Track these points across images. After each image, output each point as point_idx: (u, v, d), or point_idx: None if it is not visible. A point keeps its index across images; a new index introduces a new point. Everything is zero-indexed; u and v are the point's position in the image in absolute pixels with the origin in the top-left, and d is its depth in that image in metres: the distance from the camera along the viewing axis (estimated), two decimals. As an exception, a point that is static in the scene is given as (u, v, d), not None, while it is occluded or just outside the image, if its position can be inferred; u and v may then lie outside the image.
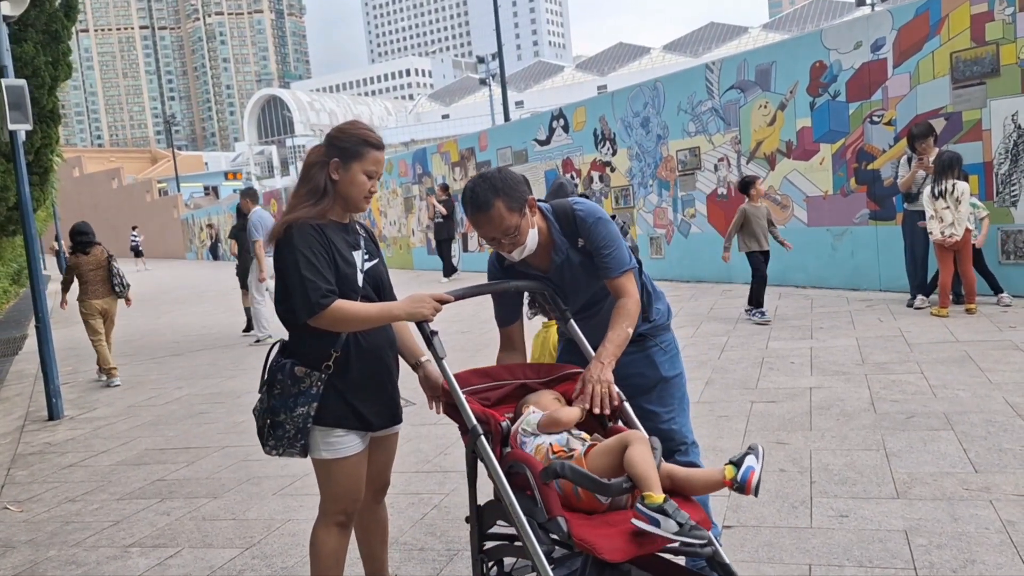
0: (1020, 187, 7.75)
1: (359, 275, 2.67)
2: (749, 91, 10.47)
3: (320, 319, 2.52)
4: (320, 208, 2.65)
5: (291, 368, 2.62)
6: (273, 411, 2.65)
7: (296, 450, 2.66)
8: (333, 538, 2.75)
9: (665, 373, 3.00)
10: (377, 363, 2.72)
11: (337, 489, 2.70)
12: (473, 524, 2.66)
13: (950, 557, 3.04)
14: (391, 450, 2.95)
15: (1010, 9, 7.62)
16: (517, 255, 2.76)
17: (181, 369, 9.08)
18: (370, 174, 2.68)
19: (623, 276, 2.80)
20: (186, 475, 5.13)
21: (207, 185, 65.75)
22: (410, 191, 19.83)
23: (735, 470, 2.26)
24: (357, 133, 2.69)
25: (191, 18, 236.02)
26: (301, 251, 2.54)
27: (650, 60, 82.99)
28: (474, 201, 2.68)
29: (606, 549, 2.15)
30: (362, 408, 2.67)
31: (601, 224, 2.81)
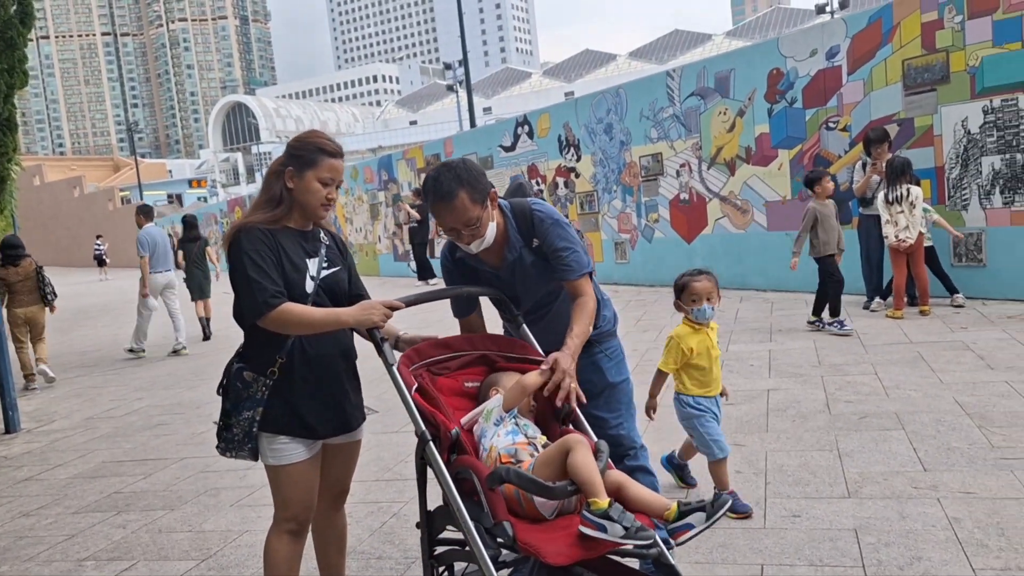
0: (970, 191, 7.93)
1: (308, 281, 2.67)
2: (709, 98, 10.60)
3: (267, 320, 2.54)
4: (274, 215, 2.67)
5: (240, 372, 2.66)
6: (226, 413, 2.69)
7: (245, 453, 2.69)
8: (285, 546, 2.74)
9: (612, 379, 3.05)
10: (324, 370, 2.70)
11: (285, 496, 2.70)
12: (423, 529, 2.68)
13: (897, 555, 3.11)
14: (350, 458, 2.93)
15: (959, 17, 7.81)
16: (475, 247, 2.76)
17: (141, 380, 8.96)
18: (325, 181, 2.67)
19: (582, 278, 2.83)
20: (143, 487, 5.06)
21: (171, 193, 64.94)
22: (376, 198, 19.77)
23: (676, 515, 2.29)
24: (312, 141, 2.70)
25: (154, 24, 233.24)
26: (248, 254, 2.57)
27: (616, 67, 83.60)
28: (437, 190, 2.68)
29: (550, 553, 2.18)
30: (307, 415, 2.67)
31: (559, 226, 2.84)
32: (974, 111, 7.80)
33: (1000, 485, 3.63)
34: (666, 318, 9.05)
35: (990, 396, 4.93)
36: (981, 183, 7.84)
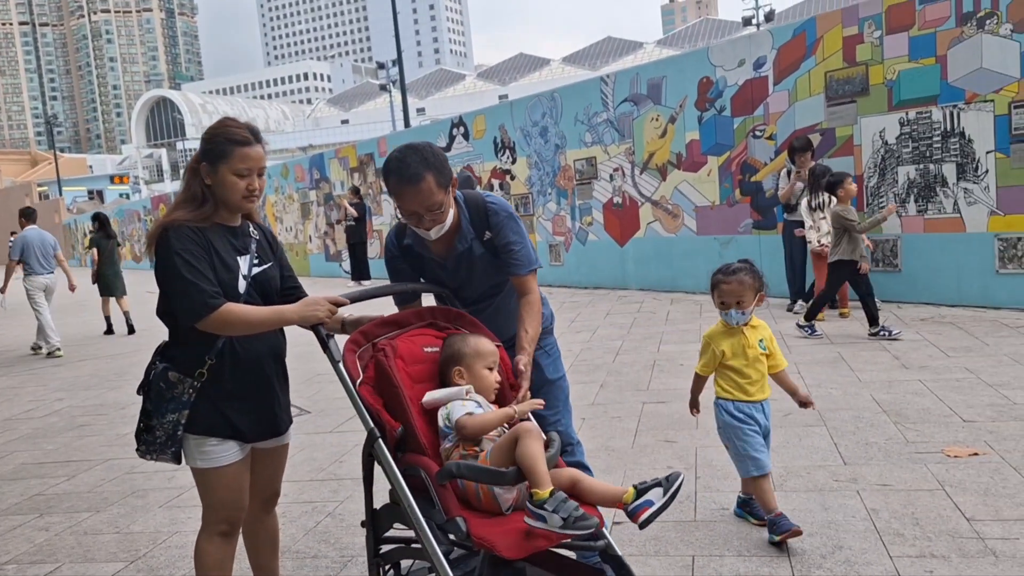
0: (887, 199, 8.28)
1: (240, 281, 2.58)
2: (642, 104, 10.81)
3: (207, 322, 2.44)
4: (201, 212, 2.56)
5: (164, 372, 2.55)
6: (147, 414, 2.58)
7: (168, 456, 2.58)
8: (216, 548, 2.67)
9: (549, 376, 3.07)
10: (255, 373, 2.63)
11: (216, 498, 2.63)
12: (369, 528, 2.64)
13: (819, 544, 3.24)
14: (279, 461, 2.87)
15: (878, 32, 8.15)
16: (435, 233, 2.71)
17: (61, 380, 8.66)
18: (240, 173, 2.54)
19: (530, 274, 2.84)
20: (66, 489, 4.91)
21: (91, 189, 62.76)
22: (307, 196, 19.50)
23: (634, 496, 2.27)
24: (221, 132, 2.57)
25: (75, 15, 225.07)
26: (179, 254, 2.45)
27: (550, 71, 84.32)
28: (403, 172, 2.59)
29: (504, 546, 2.18)
30: (235, 419, 2.59)
31: (513, 220, 2.84)
32: (891, 123, 8.15)
33: (914, 478, 3.81)
34: (599, 319, 9.20)
35: (905, 394, 5.17)
36: (897, 192, 8.20)
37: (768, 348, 3.35)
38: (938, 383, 5.35)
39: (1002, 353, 5.98)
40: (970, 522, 3.30)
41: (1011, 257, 7.43)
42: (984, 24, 7.38)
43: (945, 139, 7.78)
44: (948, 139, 7.76)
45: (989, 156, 7.47)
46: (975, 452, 4.05)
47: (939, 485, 3.70)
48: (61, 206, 45.68)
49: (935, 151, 7.87)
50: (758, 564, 3.13)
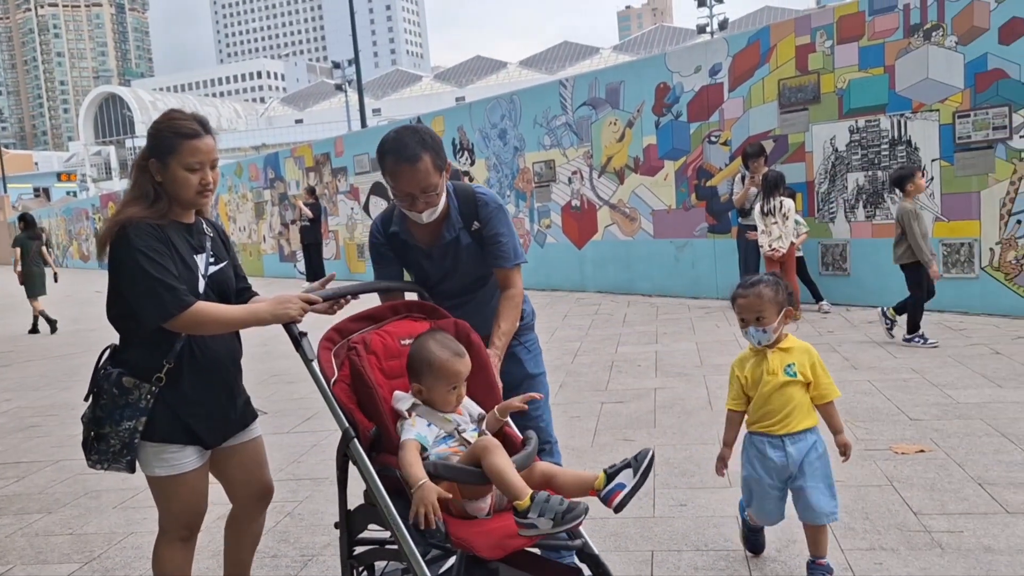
0: (837, 205, 8.50)
1: (200, 281, 2.48)
2: (600, 108, 10.92)
3: (177, 322, 2.35)
4: (157, 209, 2.44)
5: (118, 378, 2.43)
6: (98, 422, 2.45)
7: (122, 465, 2.46)
8: (177, 554, 2.59)
9: (530, 371, 3.04)
10: (213, 377, 2.55)
11: (177, 506, 2.54)
12: (343, 529, 2.59)
13: (775, 538, 3.32)
14: (255, 454, 2.75)
15: (829, 42, 8.37)
16: (427, 217, 2.68)
17: (8, 381, 8.45)
18: (191, 167, 2.43)
19: (516, 268, 2.83)
20: (16, 491, 4.80)
21: (37, 186, 61.14)
22: (261, 196, 19.27)
23: (605, 481, 2.24)
24: (167, 125, 2.45)
25: (21, 8, 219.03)
26: (142, 251, 2.34)
27: (507, 74, 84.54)
28: (402, 151, 2.55)
29: (483, 547, 2.16)
30: (195, 424, 2.50)
31: (502, 212, 2.84)
32: (841, 130, 8.37)
33: (864, 474, 3.93)
34: (557, 322, 9.27)
35: (855, 394, 5.31)
36: (847, 198, 8.42)
37: (803, 374, 2.86)
38: (886, 383, 5.51)
39: (946, 354, 6.18)
40: (917, 516, 3.41)
41: (955, 262, 7.68)
42: (930, 36, 7.62)
43: (893, 147, 8.01)
44: (896, 147, 7.99)
45: (934, 164, 7.72)
46: (921, 449, 4.18)
47: (888, 481, 3.82)
48: (5, 204, 44.40)
49: (883, 158, 8.10)
50: (715, 558, 3.21)
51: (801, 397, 2.88)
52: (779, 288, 2.91)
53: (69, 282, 23.95)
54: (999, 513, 3.37)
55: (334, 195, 16.64)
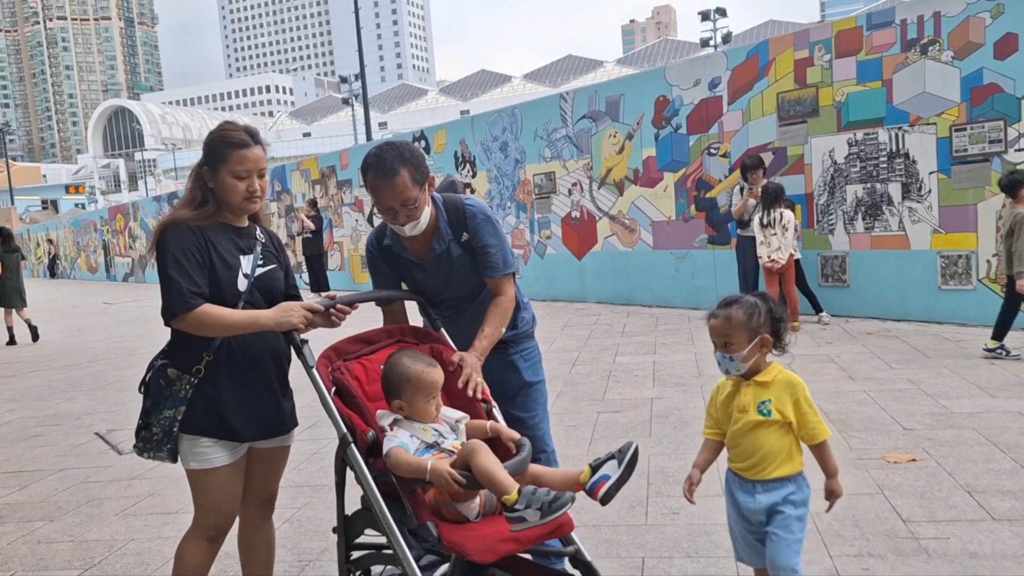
0: (836, 217, 8.55)
1: (240, 279, 2.60)
2: (600, 121, 11.01)
3: (181, 322, 2.48)
4: (204, 211, 2.60)
5: (163, 369, 2.59)
6: (147, 412, 2.60)
7: (164, 454, 2.59)
8: (200, 552, 2.66)
9: (528, 378, 3.07)
10: (253, 372, 2.63)
11: (206, 501, 2.63)
12: (340, 533, 2.65)
13: (763, 545, 3.37)
14: (278, 462, 2.84)
15: (827, 56, 8.44)
16: (409, 230, 2.75)
17: (12, 391, 8.53)
18: (239, 175, 2.58)
19: (505, 277, 2.87)
20: (19, 499, 4.86)
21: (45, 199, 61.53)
22: (268, 208, 19.41)
23: (590, 474, 2.28)
24: (218, 136, 2.62)
25: (30, 21, 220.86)
26: (172, 251, 2.50)
27: (511, 88, 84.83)
28: (380, 165, 2.64)
29: (475, 550, 2.21)
30: (230, 418, 2.58)
31: (491, 223, 2.88)
32: (840, 143, 8.43)
33: (856, 482, 3.97)
34: (556, 331, 9.32)
35: (850, 404, 5.35)
36: (846, 210, 8.47)
37: (781, 413, 2.46)
38: (881, 393, 5.55)
39: (942, 365, 6.22)
40: (906, 523, 3.45)
41: (952, 274, 7.72)
42: (927, 50, 7.69)
43: (891, 160, 8.07)
44: (893, 160, 8.05)
45: (932, 176, 7.77)
46: (913, 458, 4.22)
47: (879, 489, 3.86)
48: (13, 215, 44.73)
49: (881, 171, 8.15)
50: (705, 564, 3.25)
51: (777, 440, 2.47)
52: (756, 312, 2.47)
53: (75, 293, 24.10)
54: (986, 520, 3.41)
55: (339, 207, 16.76)
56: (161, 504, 4.51)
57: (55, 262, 35.50)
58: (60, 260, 35.31)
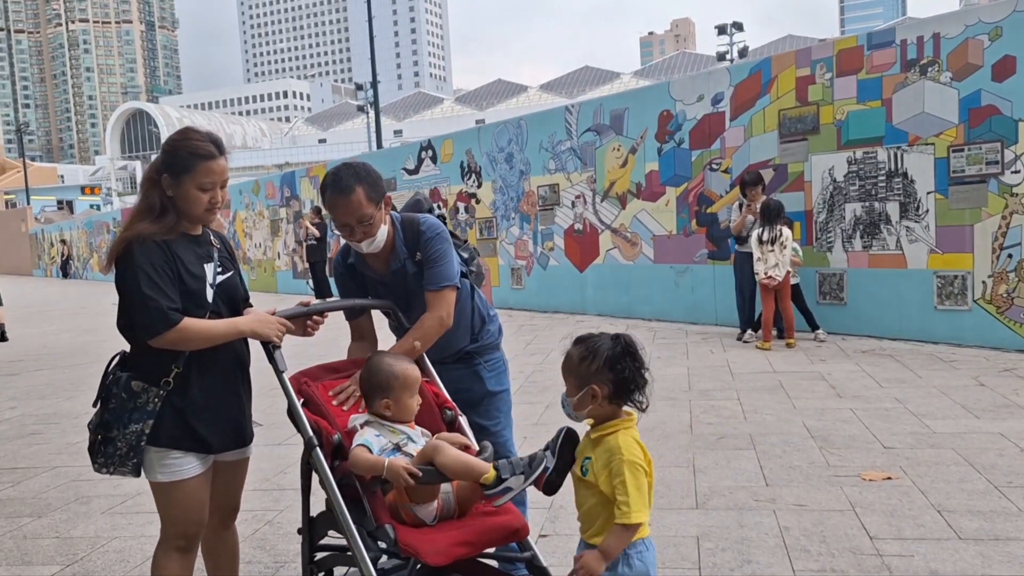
0: (835, 234, 8.57)
1: (208, 290, 2.59)
2: (604, 134, 11.08)
3: (163, 339, 2.45)
4: (166, 224, 2.55)
5: (127, 382, 2.51)
6: (106, 426, 2.53)
7: (128, 469, 2.54)
8: (174, 563, 2.65)
9: (491, 387, 3.16)
10: (222, 382, 2.64)
11: (175, 513, 2.61)
12: (305, 535, 2.72)
13: (730, 558, 3.41)
14: (240, 474, 2.86)
15: (829, 74, 8.48)
16: (366, 247, 2.85)
17: (15, 389, 8.65)
18: (204, 187, 2.55)
19: (440, 291, 2.91)
20: (10, 495, 4.96)
21: (61, 199, 62.14)
22: (277, 214, 19.57)
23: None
24: (184, 145, 2.56)
25: (52, 23, 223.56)
26: (142, 268, 2.45)
27: (527, 98, 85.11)
28: (336, 184, 2.76)
29: (429, 553, 2.28)
30: (201, 429, 2.57)
31: (438, 240, 2.95)
32: (840, 161, 8.46)
33: (829, 499, 4.00)
34: (554, 343, 9.36)
35: (834, 421, 5.38)
36: (844, 228, 8.49)
37: (595, 477, 2.18)
38: (867, 411, 5.57)
39: (931, 385, 6.23)
40: (872, 540, 3.48)
41: (948, 294, 7.72)
42: (926, 71, 7.72)
43: (889, 179, 8.09)
44: (892, 179, 8.07)
45: (929, 196, 7.79)
46: (889, 476, 4.25)
47: (851, 506, 3.89)
48: (28, 215, 45.18)
49: (880, 190, 8.18)
50: (671, 575, 3.29)
51: (594, 506, 2.22)
52: (590, 357, 2.21)
53: (86, 294, 24.34)
54: (952, 539, 3.44)
55: (346, 214, 16.88)
56: (147, 503, 4.54)
57: (68, 262, 35.85)
58: (73, 260, 35.64)
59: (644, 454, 2.21)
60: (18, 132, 56.90)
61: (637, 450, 2.18)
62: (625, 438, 2.19)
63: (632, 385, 2.22)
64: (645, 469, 2.17)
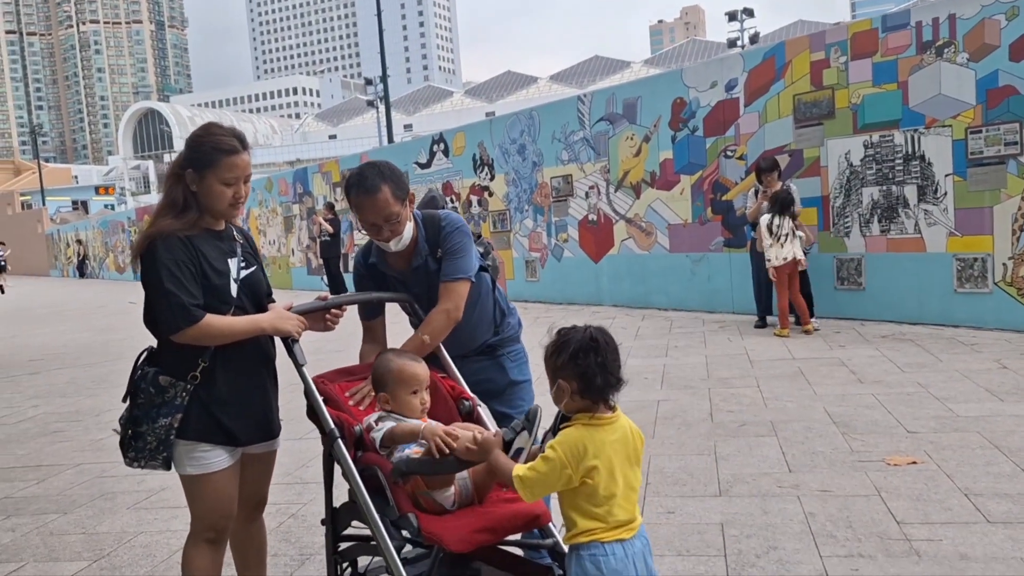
0: (852, 219, 8.51)
1: (232, 285, 2.61)
2: (617, 123, 11.03)
3: (184, 335, 2.48)
4: (188, 219, 2.57)
5: (155, 377, 2.54)
6: (135, 421, 2.56)
7: (158, 462, 2.58)
8: (204, 557, 2.68)
9: (513, 377, 3.20)
10: (247, 375, 2.66)
11: (204, 506, 2.64)
12: (328, 525, 2.73)
13: (755, 545, 3.40)
14: (268, 467, 2.89)
15: (843, 58, 8.41)
16: (394, 245, 2.86)
17: (37, 388, 8.73)
18: (227, 182, 2.57)
19: (454, 282, 2.92)
20: (35, 492, 5.00)
21: (76, 199, 62.56)
22: (290, 210, 19.62)
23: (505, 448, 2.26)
24: (208, 140, 2.58)
25: (63, 25, 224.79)
26: (165, 264, 2.48)
27: (537, 89, 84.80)
28: (361, 183, 2.77)
29: (452, 541, 2.28)
30: (227, 422, 2.59)
31: (458, 233, 2.98)
32: (856, 145, 8.39)
33: (853, 484, 3.98)
34: (571, 334, 9.35)
35: (856, 407, 5.35)
36: (861, 212, 8.42)
37: None
38: (889, 396, 5.53)
39: (953, 369, 6.18)
40: (900, 525, 3.46)
41: (968, 277, 7.65)
42: (942, 52, 7.63)
43: (907, 162, 8.02)
44: (909, 162, 8.00)
45: (947, 179, 7.71)
46: (914, 461, 4.22)
47: (876, 491, 3.86)
48: (44, 216, 45.52)
49: (897, 173, 8.10)
50: (695, 563, 3.28)
51: None
52: (558, 352, 2.13)
53: (103, 293, 24.51)
54: (980, 522, 3.41)
55: (359, 209, 16.89)
56: (172, 498, 4.62)
57: (84, 262, 36.10)
58: (89, 260, 35.89)
59: (583, 453, 2.05)
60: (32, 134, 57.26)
61: (573, 445, 2.05)
62: (570, 434, 2.08)
63: (598, 382, 2.07)
64: (565, 462, 2.04)
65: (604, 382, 2.08)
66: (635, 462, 2.16)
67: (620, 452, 2.11)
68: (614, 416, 2.14)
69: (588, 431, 2.08)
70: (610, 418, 2.12)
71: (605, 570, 2.07)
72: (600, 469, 2.06)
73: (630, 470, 2.14)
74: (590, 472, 2.05)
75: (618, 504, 2.10)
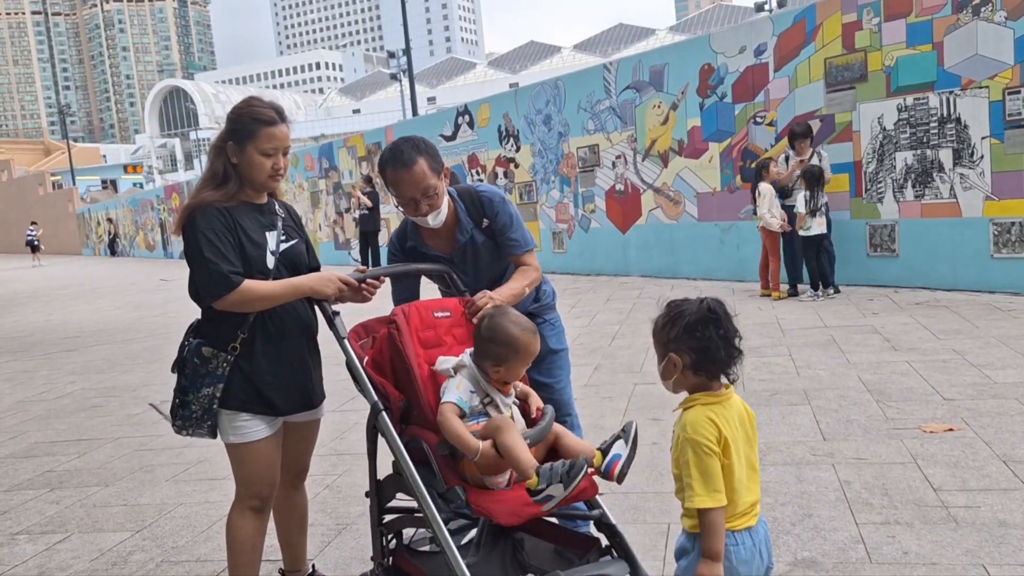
0: (886, 185, 8.36)
1: (268, 256, 2.65)
2: (644, 91, 10.90)
3: (225, 301, 2.53)
4: (225, 191, 2.63)
5: (198, 348, 2.62)
6: (183, 390, 2.66)
7: (204, 431, 2.67)
8: (248, 523, 2.73)
9: (553, 346, 3.18)
10: (285, 346, 2.69)
11: (247, 473, 2.70)
12: (373, 498, 2.72)
13: (790, 513, 3.38)
14: (310, 436, 2.94)
15: (876, 19, 8.22)
16: (432, 220, 2.83)
17: (74, 364, 8.89)
18: (267, 152, 2.62)
19: (528, 253, 3.01)
20: (77, 466, 5.11)
21: (105, 178, 63.27)
22: (316, 185, 19.69)
23: (602, 458, 2.29)
24: (247, 112, 2.64)
25: (87, 4, 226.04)
26: (204, 233, 2.54)
27: (561, 59, 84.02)
28: (397, 157, 2.75)
29: (501, 513, 2.28)
30: (268, 392, 2.65)
31: (506, 203, 2.99)
32: (889, 109, 8.22)
33: (889, 452, 3.95)
34: (599, 305, 9.33)
35: (891, 375, 5.29)
36: (895, 177, 8.28)
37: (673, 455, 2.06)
38: (924, 364, 5.47)
39: (990, 335, 6.09)
40: (936, 492, 3.43)
41: (1005, 242, 7.51)
42: (979, 11, 7.43)
43: (942, 125, 7.85)
44: (944, 125, 7.83)
45: (984, 142, 7.55)
46: (950, 428, 4.17)
47: (912, 458, 3.83)
48: (75, 195, 46.08)
49: (932, 137, 7.94)
50: (730, 531, 3.28)
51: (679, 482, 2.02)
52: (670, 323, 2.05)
53: (135, 271, 24.85)
54: (1019, 489, 3.37)
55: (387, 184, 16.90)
56: (210, 470, 4.70)
57: (115, 241, 36.56)
58: (120, 239, 36.35)
59: (719, 433, 1.93)
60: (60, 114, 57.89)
61: (705, 429, 1.92)
62: (696, 415, 1.96)
63: (716, 356, 1.98)
64: (713, 451, 1.90)
65: (728, 355, 1.99)
66: (754, 440, 2.04)
67: (740, 430, 1.99)
68: (729, 392, 2.03)
69: (713, 409, 1.96)
70: (727, 394, 2.02)
71: (735, 561, 1.93)
72: (731, 448, 1.94)
73: (751, 449, 2.01)
74: (726, 452, 1.93)
75: (745, 486, 1.96)
